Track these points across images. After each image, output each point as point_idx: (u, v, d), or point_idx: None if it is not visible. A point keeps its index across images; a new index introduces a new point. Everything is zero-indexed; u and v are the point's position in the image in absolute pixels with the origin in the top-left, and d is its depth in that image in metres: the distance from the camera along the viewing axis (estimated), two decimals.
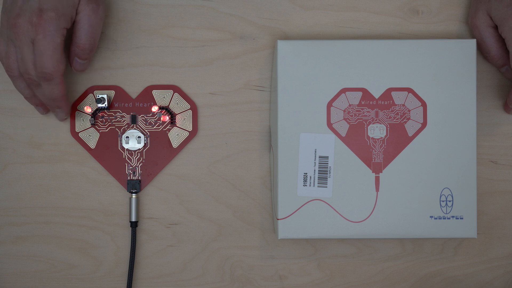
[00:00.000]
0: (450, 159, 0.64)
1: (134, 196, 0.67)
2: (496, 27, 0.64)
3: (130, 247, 0.68)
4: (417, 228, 0.64)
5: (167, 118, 0.68)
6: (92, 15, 0.61)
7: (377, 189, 0.64)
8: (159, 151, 0.68)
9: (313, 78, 0.64)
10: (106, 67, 0.68)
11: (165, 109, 0.68)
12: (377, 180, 0.64)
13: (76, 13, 0.61)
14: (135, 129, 0.68)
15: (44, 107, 0.65)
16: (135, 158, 0.68)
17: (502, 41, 0.65)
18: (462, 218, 0.64)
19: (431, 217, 0.64)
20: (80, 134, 0.68)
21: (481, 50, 0.66)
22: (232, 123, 0.68)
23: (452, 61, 0.64)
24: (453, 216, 0.64)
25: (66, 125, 0.68)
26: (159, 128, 0.68)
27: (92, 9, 0.61)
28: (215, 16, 0.68)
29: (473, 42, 0.64)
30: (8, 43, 0.61)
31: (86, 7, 0.61)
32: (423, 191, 0.64)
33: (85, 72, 0.68)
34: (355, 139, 0.64)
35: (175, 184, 0.68)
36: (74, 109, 0.68)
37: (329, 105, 0.64)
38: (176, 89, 0.68)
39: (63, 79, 0.62)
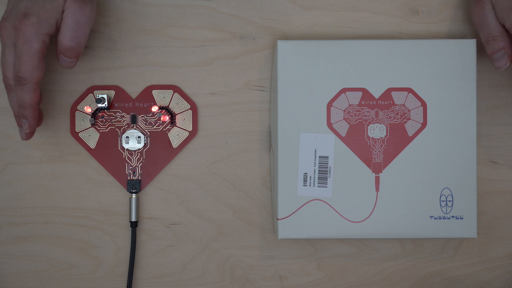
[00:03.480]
0: (450, 159, 0.64)
1: (134, 196, 0.67)
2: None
3: (130, 247, 0.68)
4: (417, 228, 0.64)
5: (167, 118, 0.68)
6: (78, 12, 0.60)
7: (377, 189, 0.64)
8: (159, 151, 0.68)
9: (313, 78, 0.64)
10: (106, 67, 0.68)
11: (165, 109, 0.68)
12: (377, 180, 0.64)
13: (62, 12, 0.60)
14: (135, 129, 0.68)
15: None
16: (135, 158, 0.68)
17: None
18: (462, 218, 0.64)
19: (431, 217, 0.64)
20: (80, 134, 0.68)
21: (483, 32, 0.63)
22: (232, 123, 0.68)
23: (452, 61, 0.64)
24: (453, 216, 0.64)
25: (66, 125, 0.68)
26: (159, 128, 0.68)
27: (79, 6, 0.60)
28: (215, 16, 0.68)
29: (473, 42, 0.64)
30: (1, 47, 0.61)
31: (71, 5, 0.59)
32: (423, 191, 0.64)
33: (85, 72, 0.68)
34: (355, 139, 0.64)
35: (175, 184, 0.68)
36: (74, 109, 0.68)
37: (329, 105, 0.64)
38: (176, 89, 0.68)
39: (38, 87, 0.60)
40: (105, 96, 0.66)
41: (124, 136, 0.68)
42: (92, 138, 0.68)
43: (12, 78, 0.60)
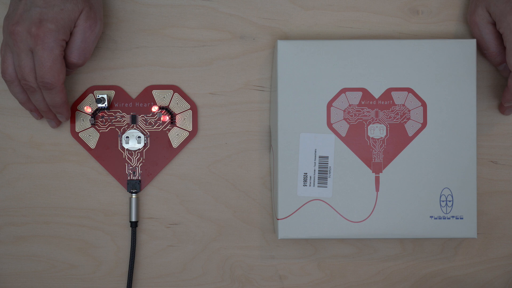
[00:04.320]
0: (450, 159, 0.64)
1: (134, 196, 0.67)
2: (495, 24, 0.64)
3: (130, 247, 0.68)
4: (417, 228, 0.64)
5: (167, 118, 0.68)
6: (88, 31, 0.62)
7: (377, 189, 0.64)
8: (159, 151, 0.68)
9: (313, 78, 0.64)
10: (106, 67, 0.68)
11: (165, 109, 0.68)
12: (377, 180, 0.64)
13: (74, 26, 0.62)
14: (135, 129, 0.68)
15: (38, 113, 0.66)
16: (135, 158, 0.68)
17: (501, 38, 0.65)
18: (462, 218, 0.64)
19: (431, 217, 0.64)
20: (80, 134, 0.68)
21: (480, 47, 0.66)
22: (232, 123, 0.68)
23: (452, 61, 0.64)
24: (453, 216, 0.64)
25: (66, 125, 0.68)
26: (159, 128, 0.68)
27: (89, 26, 0.62)
28: (215, 16, 0.68)
29: (473, 42, 0.64)
30: (5, 48, 0.61)
31: (83, 23, 0.61)
32: (423, 191, 0.64)
33: (85, 72, 0.68)
34: (355, 139, 0.64)
35: (175, 184, 0.68)
36: (74, 109, 0.68)
37: (329, 105, 0.64)
38: (176, 89, 0.68)
39: (64, 87, 0.62)
40: (105, 96, 0.66)
41: (124, 136, 0.68)
42: (92, 138, 0.68)
43: (34, 81, 0.61)
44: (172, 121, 0.68)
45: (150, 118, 0.68)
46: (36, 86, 0.61)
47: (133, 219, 0.67)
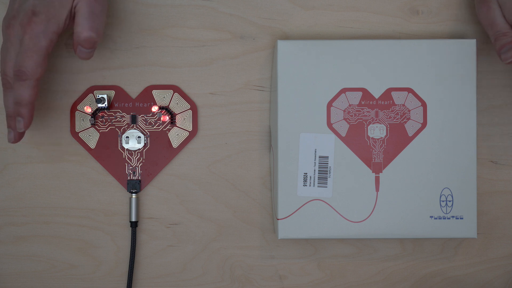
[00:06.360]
0: (450, 159, 0.64)
1: (134, 196, 0.67)
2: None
3: (130, 247, 0.68)
4: (417, 228, 0.64)
5: (167, 118, 0.68)
6: (92, 2, 0.59)
7: (377, 189, 0.64)
8: (159, 151, 0.68)
9: (313, 78, 0.64)
10: (106, 67, 0.68)
11: (165, 109, 0.68)
12: (377, 180, 0.64)
13: (75, 6, 0.60)
14: (135, 129, 0.68)
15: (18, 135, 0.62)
16: (135, 158, 0.68)
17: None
18: (462, 218, 0.64)
19: (431, 217, 0.64)
20: (80, 134, 0.68)
21: (492, 30, 0.62)
22: (232, 123, 0.68)
23: (452, 61, 0.64)
24: (453, 216, 0.64)
25: (66, 125, 0.68)
26: (159, 128, 0.68)
27: None
28: (215, 16, 0.68)
29: (473, 42, 0.64)
30: (5, 47, 0.61)
31: None
32: (423, 191, 0.64)
33: (85, 72, 0.68)
34: (355, 139, 0.64)
35: (175, 184, 0.68)
36: (74, 109, 0.68)
37: (329, 105, 0.64)
38: (176, 89, 0.68)
39: (38, 84, 0.60)
40: (105, 96, 0.66)
41: (124, 136, 0.68)
42: (92, 138, 0.68)
43: (12, 75, 0.59)
44: (172, 121, 0.68)
45: (150, 118, 0.68)
46: (12, 81, 0.59)
47: (133, 219, 0.67)
